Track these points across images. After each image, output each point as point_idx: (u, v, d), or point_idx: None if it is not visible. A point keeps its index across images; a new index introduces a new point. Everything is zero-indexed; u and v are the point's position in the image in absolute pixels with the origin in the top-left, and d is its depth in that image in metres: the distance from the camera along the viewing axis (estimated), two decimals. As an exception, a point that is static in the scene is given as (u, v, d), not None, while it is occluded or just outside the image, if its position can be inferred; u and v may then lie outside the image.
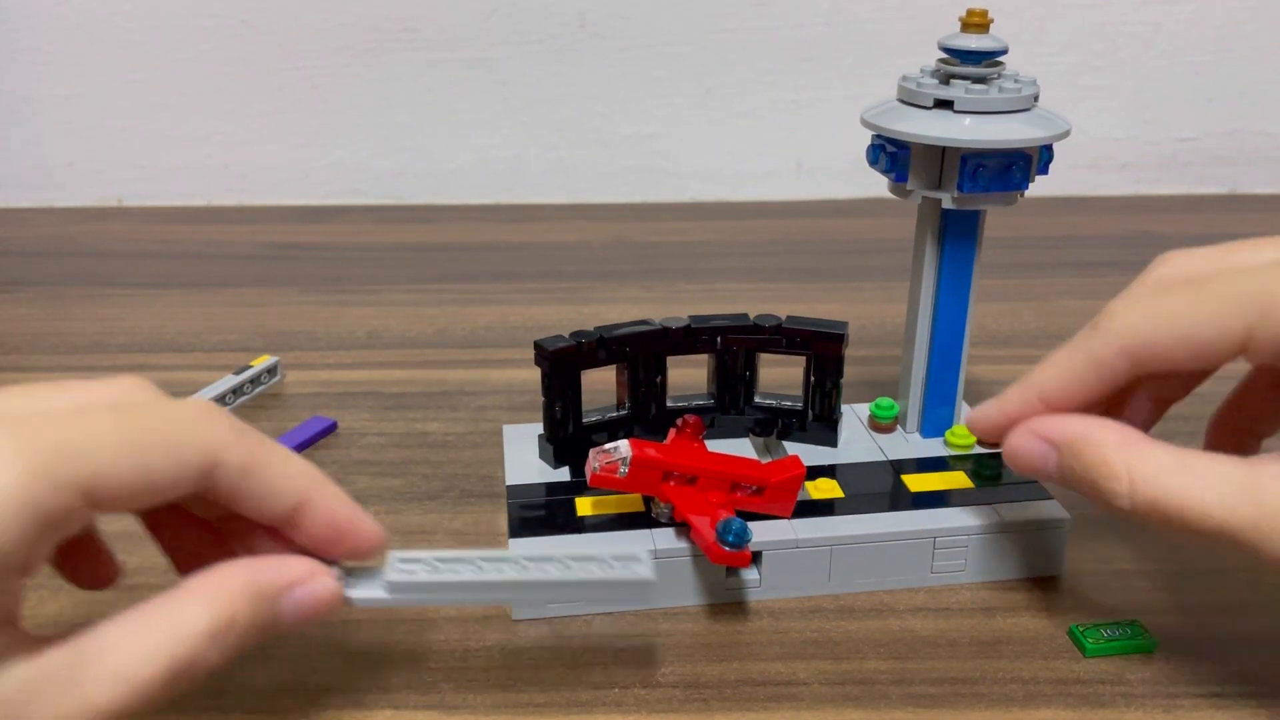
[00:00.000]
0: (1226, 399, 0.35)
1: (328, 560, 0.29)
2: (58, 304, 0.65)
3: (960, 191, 0.38)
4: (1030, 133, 0.38)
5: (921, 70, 0.40)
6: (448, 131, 0.85)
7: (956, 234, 0.41)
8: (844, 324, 0.41)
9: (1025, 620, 0.36)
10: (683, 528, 0.37)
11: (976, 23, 0.38)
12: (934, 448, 0.42)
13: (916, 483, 0.40)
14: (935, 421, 0.43)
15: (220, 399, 0.50)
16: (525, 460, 0.41)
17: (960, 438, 0.42)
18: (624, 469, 0.35)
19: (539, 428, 0.42)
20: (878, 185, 0.89)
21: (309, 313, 0.63)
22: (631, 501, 0.38)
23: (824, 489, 0.39)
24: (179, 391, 0.50)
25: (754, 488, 0.36)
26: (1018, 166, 0.38)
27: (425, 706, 0.32)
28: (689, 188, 0.87)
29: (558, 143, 0.86)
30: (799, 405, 0.43)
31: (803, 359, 0.42)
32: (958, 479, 0.40)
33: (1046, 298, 0.65)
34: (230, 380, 0.51)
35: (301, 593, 0.27)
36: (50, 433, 0.23)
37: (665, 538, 0.36)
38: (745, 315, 0.42)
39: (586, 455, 0.36)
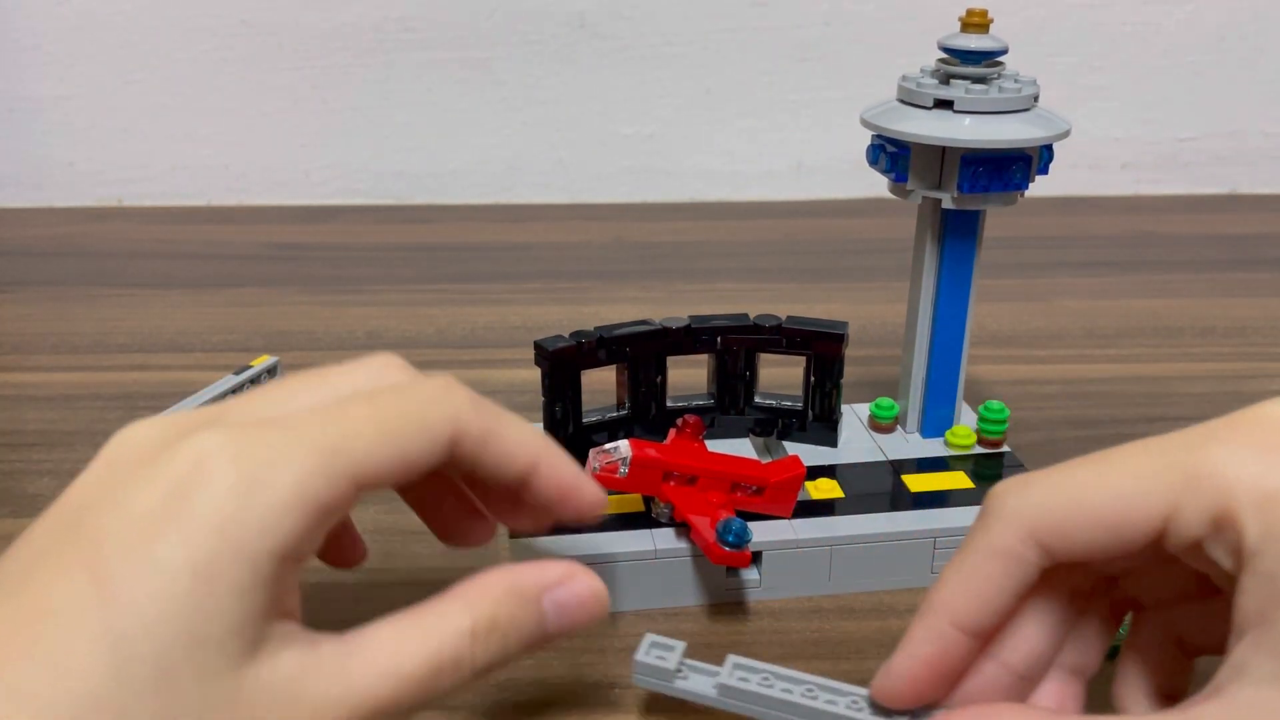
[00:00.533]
0: (1120, 662, 0.28)
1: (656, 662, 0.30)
2: (58, 304, 0.65)
3: (960, 192, 0.38)
4: (1030, 133, 0.38)
5: (921, 70, 0.40)
6: (448, 131, 0.85)
7: (956, 234, 0.41)
8: (844, 324, 0.41)
9: (1025, 620, 0.36)
10: (683, 528, 0.37)
11: (976, 23, 0.38)
12: (934, 448, 0.42)
13: (917, 483, 0.40)
14: (935, 421, 0.43)
15: (220, 399, 0.50)
16: None
17: (960, 438, 0.42)
18: (624, 469, 0.35)
19: (539, 426, 0.42)
20: (878, 185, 0.89)
21: (309, 313, 0.63)
22: (631, 502, 0.38)
23: (824, 489, 0.39)
24: (179, 392, 0.50)
25: (754, 488, 0.36)
26: (1018, 167, 0.38)
27: (425, 706, 0.32)
28: (689, 188, 0.87)
29: (558, 143, 0.86)
30: (799, 405, 0.43)
31: (802, 359, 0.42)
32: (958, 479, 0.40)
33: (1046, 298, 0.65)
34: (230, 380, 0.51)
35: (562, 593, 0.27)
36: (319, 430, 0.25)
37: (665, 538, 0.36)
38: (745, 315, 0.42)
39: (586, 455, 0.36)
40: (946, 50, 0.39)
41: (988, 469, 0.41)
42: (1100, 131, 0.85)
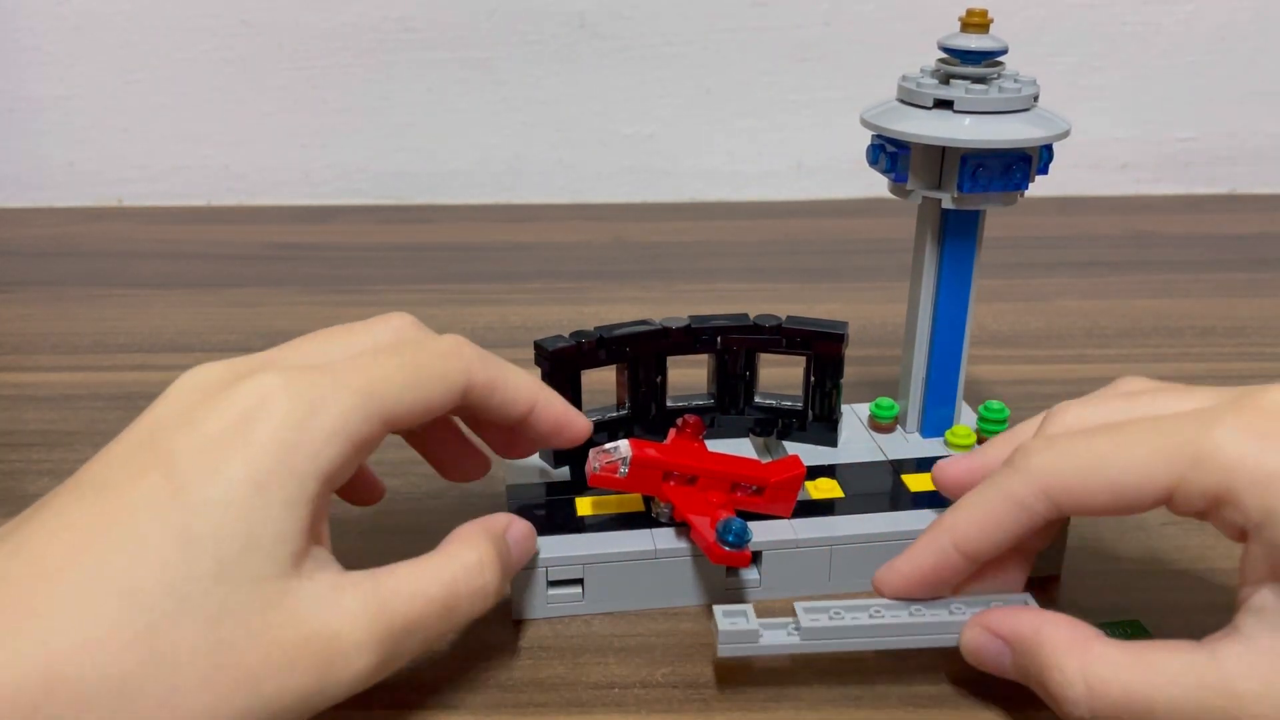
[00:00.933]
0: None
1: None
2: (58, 304, 0.65)
3: (960, 191, 0.38)
4: (1030, 133, 0.38)
5: (921, 70, 0.40)
6: (448, 131, 0.85)
7: (957, 234, 0.41)
8: (844, 324, 0.41)
9: (1025, 620, 0.36)
10: (683, 527, 0.37)
11: (976, 23, 0.38)
12: (934, 448, 0.42)
13: (917, 483, 0.40)
14: (935, 422, 0.43)
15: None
16: (525, 461, 0.41)
17: (960, 438, 0.42)
18: (624, 469, 0.35)
19: None
20: (878, 185, 0.89)
21: (309, 313, 0.63)
22: (632, 501, 0.38)
23: (824, 489, 0.39)
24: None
25: (754, 488, 0.36)
26: (1018, 166, 0.38)
27: (425, 706, 0.32)
28: (689, 188, 0.87)
29: (558, 143, 0.86)
30: (799, 405, 0.43)
31: (802, 359, 0.42)
32: None
33: (1046, 298, 0.65)
34: (230, 380, 0.51)
35: (513, 532, 0.33)
36: (357, 376, 0.29)
37: (665, 537, 0.36)
38: (745, 315, 0.42)
39: (586, 455, 0.36)
40: (946, 50, 0.39)
41: None
42: (1100, 131, 0.85)
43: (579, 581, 0.36)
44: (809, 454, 0.41)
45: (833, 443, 0.42)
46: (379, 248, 0.76)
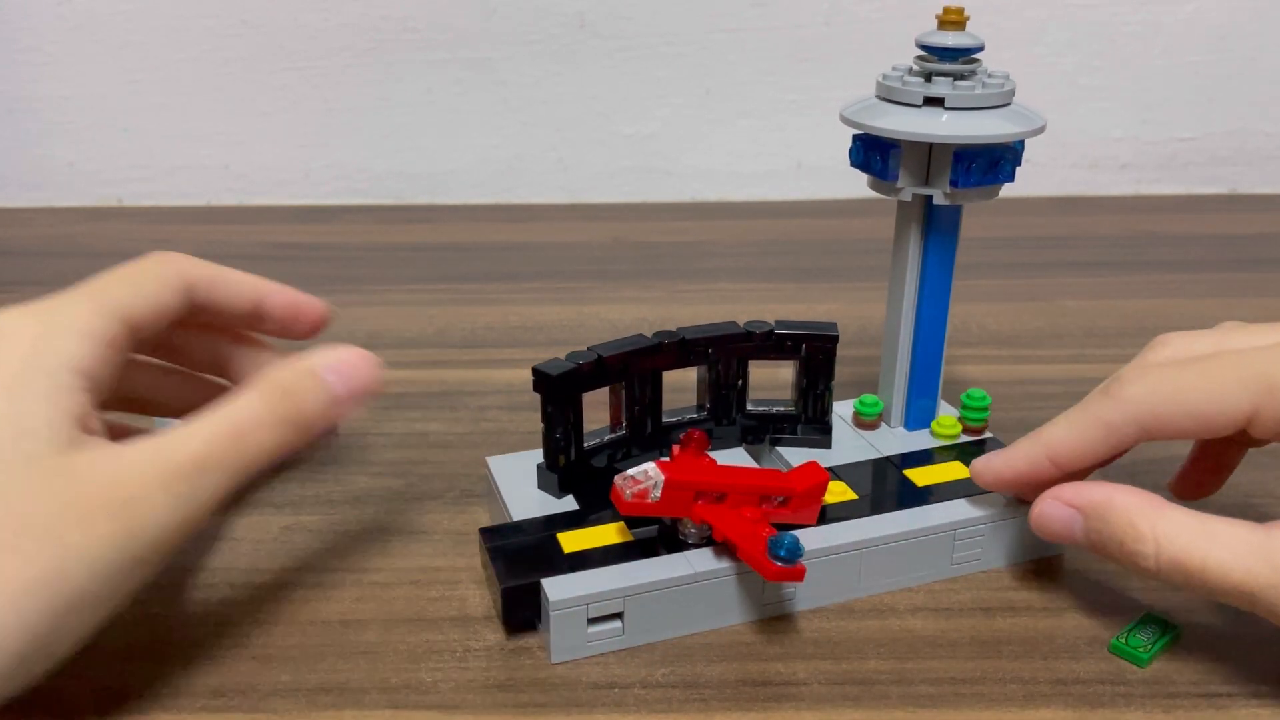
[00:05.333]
0: (1191, 455, 0.39)
1: None
2: (58, 304, 0.65)
3: (953, 187, 0.39)
4: (1017, 127, 0.38)
5: (894, 69, 0.40)
6: (448, 131, 0.85)
7: (941, 229, 0.41)
8: (834, 325, 0.41)
9: (1025, 620, 0.36)
10: (719, 547, 0.35)
11: (954, 20, 0.38)
12: (922, 439, 0.43)
13: (920, 477, 0.40)
14: (918, 414, 0.44)
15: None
16: (524, 493, 0.39)
17: (946, 428, 0.42)
18: (655, 493, 0.34)
19: (528, 456, 0.41)
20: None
21: (309, 313, 0.63)
22: (617, 532, 0.37)
23: (836, 492, 0.39)
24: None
25: (780, 498, 0.36)
26: (1005, 160, 0.39)
27: (425, 706, 0.32)
28: (689, 188, 0.87)
29: (558, 143, 0.86)
30: (791, 409, 0.43)
31: (791, 361, 0.42)
32: (958, 469, 0.40)
33: (1046, 298, 0.65)
34: (230, 380, 0.51)
35: (337, 363, 0.34)
36: (85, 290, 0.33)
37: (703, 559, 0.35)
38: (734, 323, 0.41)
39: (591, 481, 0.35)
40: (926, 48, 0.39)
41: (969, 455, 0.41)
42: (1100, 131, 0.85)
43: (618, 615, 0.34)
44: (805, 458, 0.41)
45: (827, 444, 0.42)
46: (379, 248, 0.76)
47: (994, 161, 0.39)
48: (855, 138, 0.40)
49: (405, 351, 0.58)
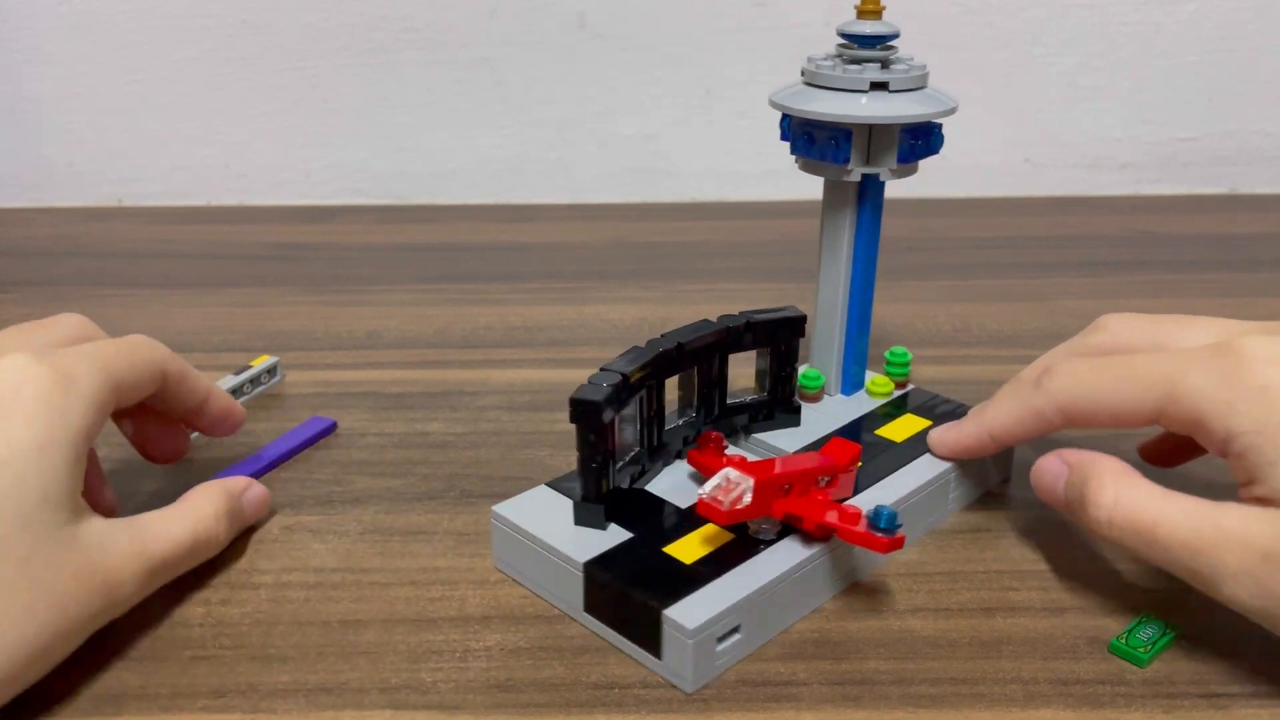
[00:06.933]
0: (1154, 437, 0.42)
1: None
2: (58, 304, 0.65)
3: (899, 163, 0.42)
4: (947, 103, 0.41)
5: (810, 59, 0.42)
6: (448, 131, 0.85)
7: (873, 204, 0.44)
8: (795, 307, 0.43)
9: (1025, 620, 0.36)
10: (799, 536, 0.36)
11: (871, 9, 0.41)
12: (862, 401, 0.46)
13: (893, 434, 0.43)
14: (853, 379, 0.47)
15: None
16: (563, 532, 0.36)
17: (881, 385, 0.46)
18: (748, 497, 0.34)
19: (533, 496, 0.39)
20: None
21: (309, 313, 0.63)
22: (719, 535, 0.36)
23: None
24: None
25: (827, 478, 0.37)
26: (936, 133, 0.43)
27: (425, 706, 0.32)
28: (689, 188, 0.87)
29: (558, 143, 0.86)
30: (764, 396, 0.43)
31: (758, 349, 0.43)
32: (918, 422, 0.44)
33: (1046, 298, 0.65)
34: (230, 380, 0.51)
35: (249, 495, 0.40)
36: (94, 355, 0.35)
37: (795, 549, 0.35)
38: (709, 321, 0.41)
39: (624, 503, 0.35)
40: (849, 36, 0.41)
41: (919, 406, 0.45)
42: (1100, 131, 0.85)
43: (737, 627, 0.34)
44: (783, 439, 0.43)
45: (797, 423, 0.44)
46: (379, 248, 0.76)
47: (929, 135, 0.42)
48: (802, 126, 0.42)
49: (405, 351, 0.58)
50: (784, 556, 0.35)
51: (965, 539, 0.40)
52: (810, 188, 0.87)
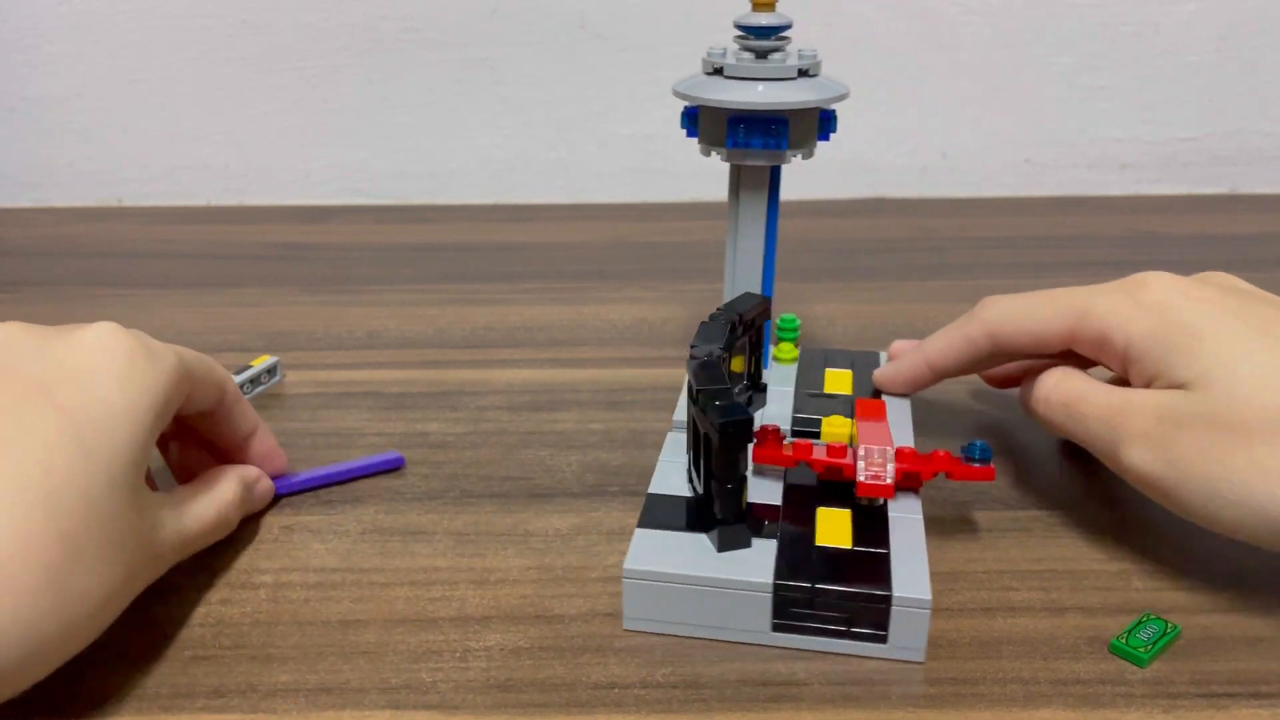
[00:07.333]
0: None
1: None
2: (58, 304, 0.65)
3: (822, 141, 0.44)
4: (797, 96, 0.42)
5: (710, 51, 0.43)
6: (448, 131, 0.85)
7: (778, 185, 0.45)
8: (757, 294, 0.45)
9: (1025, 620, 0.36)
10: (896, 501, 0.38)
11: (764, 2, 0.42)
12: (786, 370, 0.48)
13: (837, 388, 0.46)
14: (768, 352, 0.49)
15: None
16: (718, 563, 0.35)
17: (785, 352, 0.49)
18: (892, 465, 0.37)
19: (645, 543, 0.35)
20: (877, 185, 0.89)
21: (309, 313, 0.63)
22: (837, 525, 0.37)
23: (837, 423, 0.41)
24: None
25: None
26: (777, 127, 0.43)
27: (425, 706, 0.32)
28: (689, 188, 0.87)
29: (558, 143, 0.86)
30: (747, 381, 0.45)
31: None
32: (843, 374, 0.48)
33: (1046, 298, 0.65)
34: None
35: (259, 486, 0.41)
36: (174, 346, 0.36)
37: (908, 511, 0.38)
38: (707, 321, 0.42)
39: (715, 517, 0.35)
40: (746, 29, 0.42)
41: (831, 362, 0.49)
42: (1100, 131, 0.85)
43: None
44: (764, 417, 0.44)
45: (764, 402, 0.45)
46: (379, 248, 0.76)
47: (765, 127, 0.43)
48: (734, 120, 0.42)
49: (405, 351, 0.58)
50: (910, 519, 0.37)
51: (965, 539, 0.40)
52: (810, 188, 0.87)
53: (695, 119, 0.44)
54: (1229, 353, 0.35)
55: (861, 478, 0.37)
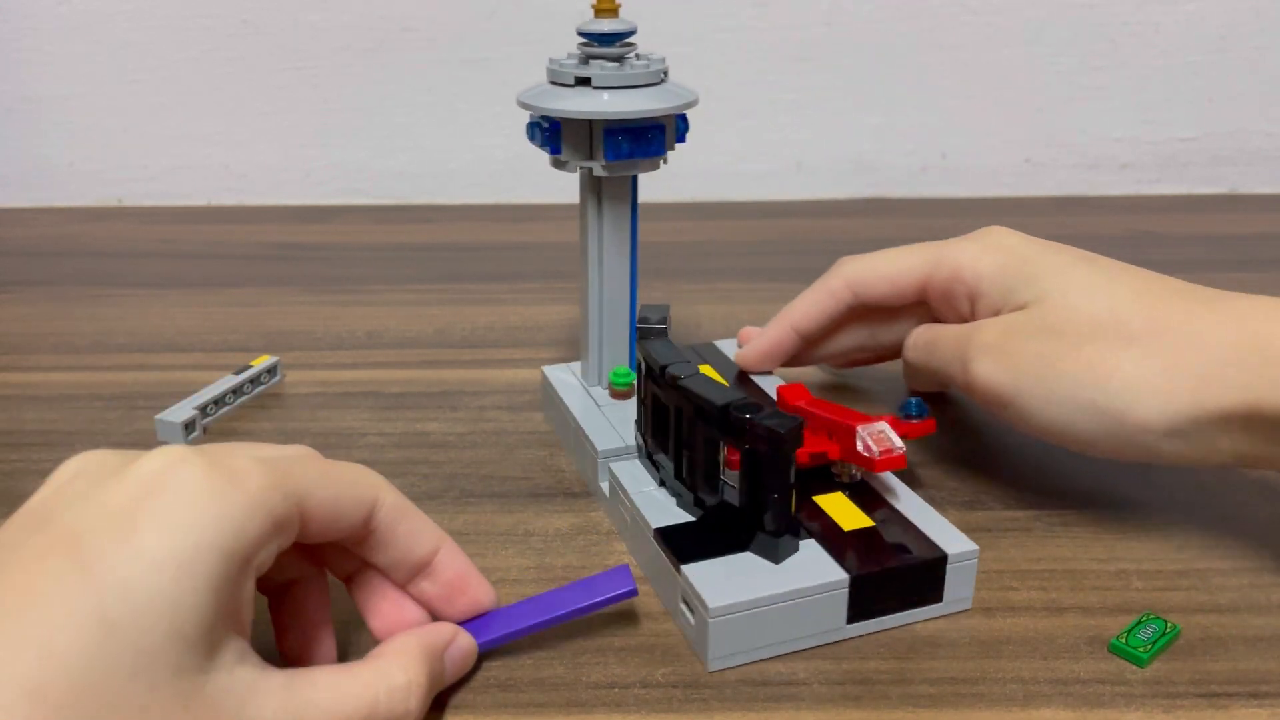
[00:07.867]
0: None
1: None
2: (58, 304, 0.65)
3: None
4: (663, 103, 0.43)
5: (568, 55, 0.44)
6: (448, 131, 0.85)
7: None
8: (662, 307, 0.48)
9: (1025, 620, 0.36)
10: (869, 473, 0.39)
11: (607, 8, 0.43)
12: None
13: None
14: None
15: (220, 399, 0.50)
16: (788, 576, 0.34)
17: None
18: (898, 439, 0.38)
19: (705, 575, 0.34)
20: (877, 185, 0.89)
21: (309, 313, 0.63)
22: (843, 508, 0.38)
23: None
24: (178, 392, 0.50)
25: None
26: (654, 134, 0.44)
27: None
28: (689, 188, 0.87)
29: (558, 143, 0.86)
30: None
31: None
32: (710, 370, 0.47)
33: (1046, 298, 0.65)
34: (230, 380, 0.51)
35: (454, 650, 0.32)
36: (275, 464, 0.28)
37: (888, 478, 0.39)
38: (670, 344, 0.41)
39: (745, 524, 0.35)
40: (584, 35, 0.42)
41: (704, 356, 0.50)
42: (1100, 131, 0.85)
43: None
44: None
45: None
46: (379, 248, 0.76)
47: (643, 136, 0.44)
48: (612, 131, 0.42)
49: (405, 351, 0.58)
50: (894, 485, 0.39)
51: (965, 539, 0.40)
52: (810, 188, 0.87)
53: (557, 134, 0.43)
54: (1063, 274, 0.39)
55: (876, 454, 0.37)
